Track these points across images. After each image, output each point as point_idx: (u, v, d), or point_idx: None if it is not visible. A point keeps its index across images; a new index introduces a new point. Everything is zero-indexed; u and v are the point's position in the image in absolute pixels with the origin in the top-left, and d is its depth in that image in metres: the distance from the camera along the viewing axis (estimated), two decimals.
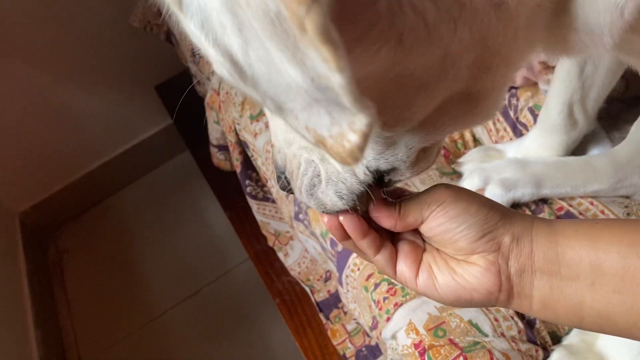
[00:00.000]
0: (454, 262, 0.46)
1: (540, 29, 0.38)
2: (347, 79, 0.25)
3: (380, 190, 0.47)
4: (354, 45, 0.29)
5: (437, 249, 0.47)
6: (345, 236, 0.47)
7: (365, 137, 0.29)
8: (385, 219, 0.46)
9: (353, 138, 0.29)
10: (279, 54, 0.26)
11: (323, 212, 0.47)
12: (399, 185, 0.49)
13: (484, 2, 0.32)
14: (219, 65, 0.29)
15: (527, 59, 0.40)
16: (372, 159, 0.43)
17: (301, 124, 0.30)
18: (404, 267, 0.47)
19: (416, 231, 0.48)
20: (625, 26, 0.36)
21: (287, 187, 0.48)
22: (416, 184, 0.82)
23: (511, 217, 0.45)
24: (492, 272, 0.44)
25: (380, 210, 0.46)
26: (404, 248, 0.47)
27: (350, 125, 0.28)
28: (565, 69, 0.71)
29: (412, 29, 0.30)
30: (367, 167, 0.43)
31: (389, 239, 0.48)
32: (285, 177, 0.48)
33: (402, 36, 0.30)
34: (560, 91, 0.73)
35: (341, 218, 0.46)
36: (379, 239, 0.47)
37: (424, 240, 0.48)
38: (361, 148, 0.29)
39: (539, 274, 0.43)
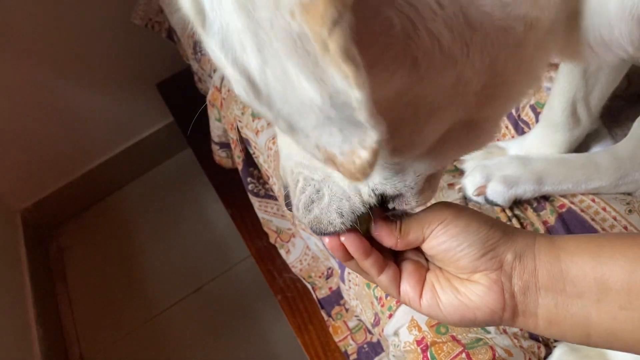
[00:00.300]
0: (457, 281, 0.45)
1: (551, 52, 0.38)
2: (365, 95, 0.27)
3: (382, 210, 0.46)
4: (369, 68, 0.30)
5: (440, 268, 0.47)
6: (348, 256, 0.46)
7: (375, 154, 0.30)
8: (387, 237, 0.46)
9: (364, 154, 0.30)
10: (297, 73, 0.27)
11: (317, 231, 0.46)
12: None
13: (493, 27, 0.33)
14: (236, 83, 0.30)
15: (529, 92, 0.40)
16: (379, 182, 0.43)
17: (311, 143, 0.31)
18: (407, 287, 0.47)
19: (419, 251, 0.48)
20: None
21: (289, 203, 0.48)
22: None
23: (513, 234, 0.45)
24: (495, 290, 0.44)
25: (381, 228, 0.46)
26: (407, 268, 0.47)
27: (361, 142, 0.30)
28: (569, 68, 0.71)
29: (427, 52, 0.31)
30: (373, 190, 0.44)
31: (392, 259, 0.48)
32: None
33: (417, 60, 0.31)
34: (563, 89, 0.73)
35: (343, 238, 0.45)
36: (382, 259, 0.46)
37: (427, 260, 0.48)
38: (371, 164, 0.31)
39: (543, 292, 0.43)
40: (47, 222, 1.92)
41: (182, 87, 1.67)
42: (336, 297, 1.14)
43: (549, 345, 0.71)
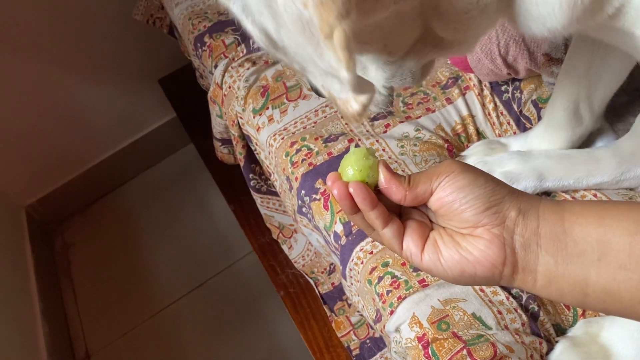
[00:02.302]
0: (459, 237, 0.46)
1: (497, 21, 0.44)
2: (352, 76, 0.34)
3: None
4: (370, 14, 0.37)
5: (444, 228, 0.48)
6: (354, 208, 0.47)
7: (365, 108, 0.38)
8: (395, 190, 0.47)
9: (355, 107, 0.38)
10: (305, 43, 0.34)
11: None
12: None
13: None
14: (257, 38, 0.37)
15: (485, 26, 0.44)
16: (386, 80, 0.52)
17: (319, 83, 0.40)
18: (410, 242, 0.47)
19: (423, 213, 0.49)
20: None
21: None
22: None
23: (518, 193, 0.46)
24: (497, 244, 0.44)
25: (390, 181, 0.47)
26: (411, 225, 0.48)
27: (354, 97, 0.37)
28: (573, 66, 0.71)
29: None
30: (384, 86, 0.53)
31: (398, 216, 0.49)
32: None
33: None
34: (566, 88, 0.73)
35: (351, 189, 0.46)
36: (387, 213, 0.47)
37: (431, 221, 0.49)
38: (361, 115, 0.39)
39: (544, 249, 0.43)
40: (51, 218, 1.93)
41: (184, 83, 1.67)
42: (338, 292, 1.14)
43: (550, 341, 0.71)
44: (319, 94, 0.58)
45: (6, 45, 1.54)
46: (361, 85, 0.36)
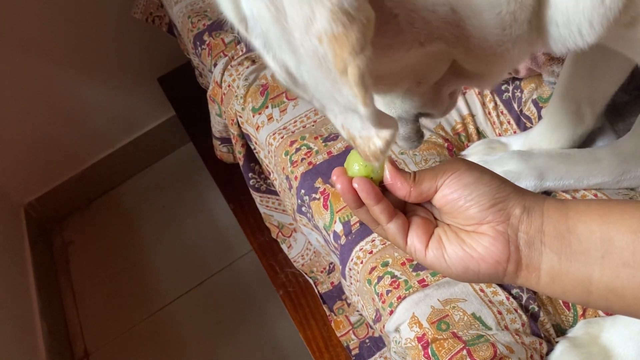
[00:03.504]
0: (463, 234, 0.46)
1: (529, 50, 0.43)
2: (370, 111, 0.33)
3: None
4: (390, 50, 0.37)
5: (448, 225, 0.48)
6: (358, 202, 0.48)
7: (388, 145, 0.36)
8: (400, 186, 0.47)
9: (378, 143, 0.36)
10: (323, 79, 0.33)
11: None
12: None
13: (464, 9, 0.38)
14: (277, 74, 0.37)
15: (515, 59, 0.43)
16: (414, 109, 0.52)
17: (338, 122, 0.38)
18: (414, 238, 0.48)
19: (428, 210, 0.49)
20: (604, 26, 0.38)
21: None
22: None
23: (523, 191, 0.46)
24: (501, 241, 0.44)
25: (395, 177, 0.47)
26: (416, 221, 0.48)
27: (377, 133, 0.36)
28: (574, 65, 0.71)
29: (426, 35, 0.38)
30: (408, 112, 0.54)
31: (402, 211, 0.49)
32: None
33: (421, 41, 0.38)
34: (567, 88, 0.73)
35: (355, 185, 0.47)
36: (391, 207, 0.48)
37: (435, 218, 0.49)
38: (383, 152, 0.37)
39: (548, 247, 0.44)
40: (50, 216, 1.93)
41: (183, 82, 1.67)
42: (338, 292, 1.14)
43: (551, 342, 0.71)
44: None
45: (5, 43, 1.54)
46: (383, 120, 0.36)
